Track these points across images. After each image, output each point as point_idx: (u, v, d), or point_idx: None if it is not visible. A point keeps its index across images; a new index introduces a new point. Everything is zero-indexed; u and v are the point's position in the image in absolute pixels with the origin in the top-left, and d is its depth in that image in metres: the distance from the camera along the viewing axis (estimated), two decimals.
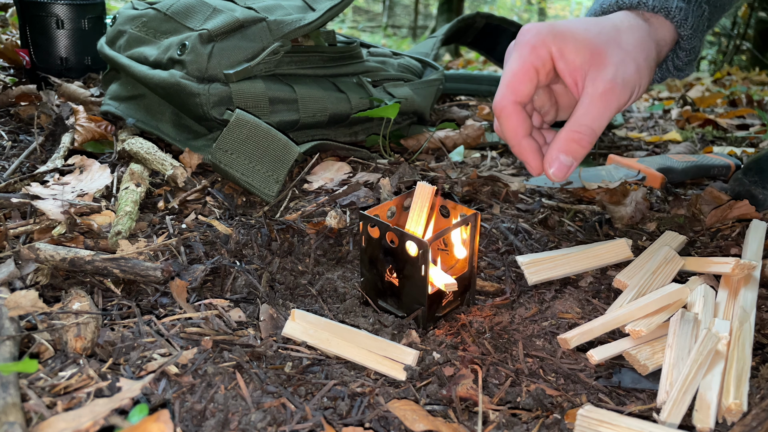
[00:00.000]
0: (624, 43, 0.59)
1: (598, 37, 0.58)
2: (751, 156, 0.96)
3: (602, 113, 0.57)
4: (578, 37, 0.58)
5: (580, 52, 0.57)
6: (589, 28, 0.59)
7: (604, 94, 0.57)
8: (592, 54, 0.57)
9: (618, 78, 0.57)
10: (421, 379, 0.51)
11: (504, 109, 0.59)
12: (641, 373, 0.53)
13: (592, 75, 0.57)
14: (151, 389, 0.46)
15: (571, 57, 0.57)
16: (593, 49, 0.57)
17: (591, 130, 0.57)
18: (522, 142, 0.60)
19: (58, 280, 0.61)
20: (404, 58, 1.19)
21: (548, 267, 0.66)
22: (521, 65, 0.58)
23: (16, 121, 1.07)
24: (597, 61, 0.57)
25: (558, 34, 0.58)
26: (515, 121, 0.59)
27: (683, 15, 0.64)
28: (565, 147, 0.58)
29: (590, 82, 0.57)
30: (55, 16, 1.21)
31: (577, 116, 0.58)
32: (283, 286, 0.66)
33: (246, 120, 0.82)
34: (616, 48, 0.58)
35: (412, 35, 9.20)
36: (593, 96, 0.57)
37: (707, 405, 0.47)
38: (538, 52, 0.58)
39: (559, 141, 0.58)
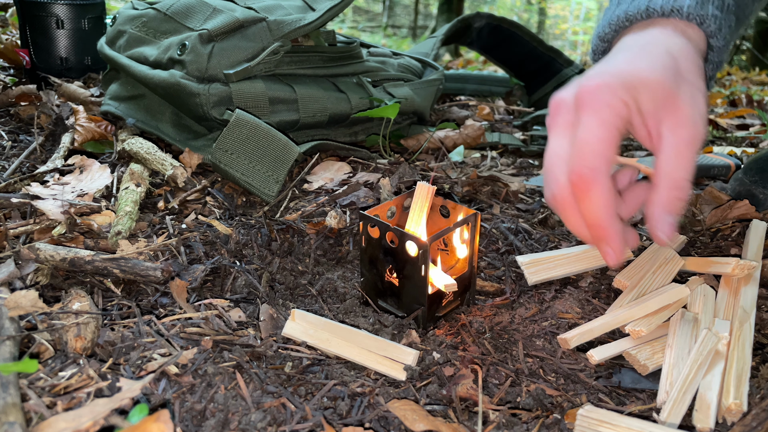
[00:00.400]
0: (686, 72, 0.54)
1: (664, 75, 0.52)
2: (751, 156, 0.96)
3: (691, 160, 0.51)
4: (648, 82, 0.51)
5: (654, 99, 0.51)
6: (653, 66, 0.52)
7: (690, 141, 0.51)
8: (666, 98, 0.51)
9: (697, 118, 0.52)
10: (421, 379, 0.51)
11: (597, 183, 0.49)
12: (641, 373, 0.53)
13: (669, 122, 0.51)
14: (151, 389, 0.46)
15: (645, 107, 0.51)
16: (665, 92, 0.51)
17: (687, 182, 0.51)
18: (614, 223, 0.51)
19: (58, 280, 0.61)
20: (404, 58, 1.19)
21: (548, 267, 0.66)
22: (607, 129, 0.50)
23: (16, 121, 1.07)
24: (672, 105, 0.51)
25: (630, 85, 0.51)
26: (609, 197, 0.50)
27: (718, 24, 0.59)
28: (669, 207, 0.51)
29: (670, 130, 0.51)
30: (55, 16, 1.21)
31: (669, 171, 0.51)
32: (283, 286, 0.66)
33: (246, 120, 0.82)
34: (683, 83, 0.52)
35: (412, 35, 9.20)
36: (679, 146, 0.51)
37: (707, 405, 0.47)
38: (619, 111, 0.51)
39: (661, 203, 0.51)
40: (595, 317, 0.59)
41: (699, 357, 0.50)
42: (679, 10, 0.58)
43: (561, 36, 11.75)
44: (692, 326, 0.54)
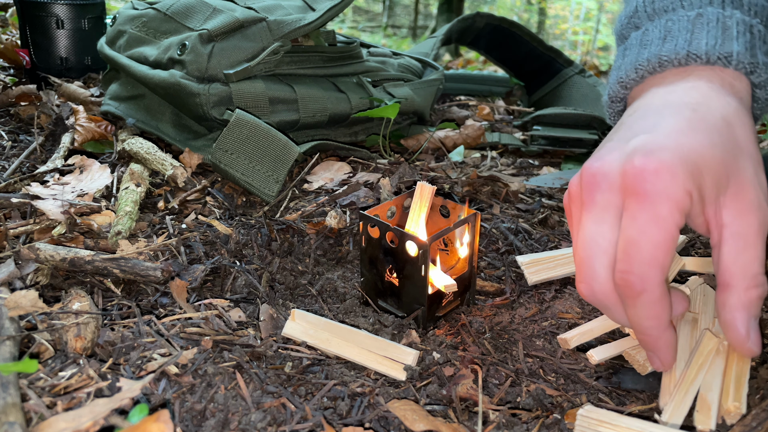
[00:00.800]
0: (743, 142, 0.45)
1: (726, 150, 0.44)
2: None
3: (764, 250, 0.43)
4: (709, 162, 0.42)
5: (716, 184, 0.43)
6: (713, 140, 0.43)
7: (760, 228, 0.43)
8: (728, 179, 0.43)
9: (762, 197, 0.44)
10: (421, 379, 0.51)
11: (648, 295, 0.42)
12: (641, 373, 0.53)
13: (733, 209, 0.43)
14: (151, 389, 0.46)
15: (707, 192, 0.43)
16: (728, 173, 0.43)
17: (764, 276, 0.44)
18: (664, 334, 0.45)
19: (58, 280, 0.61)
20: (404, 58, 1.19)
21: (548, 267, 0.66)
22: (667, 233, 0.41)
23: (16, 121, 1.07)
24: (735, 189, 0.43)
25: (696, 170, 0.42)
26: (663, 307, 0.43)
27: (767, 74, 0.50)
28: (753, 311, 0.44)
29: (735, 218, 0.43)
30: (55, 16, 1.21)
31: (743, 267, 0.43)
32: (283, 286, 0.66)
33: (246, 120, 0.82)
34: (742, 155, 0.44)
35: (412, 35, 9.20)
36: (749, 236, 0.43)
37: (708, 406, 0.47)
38: (682, 205, 0.41)
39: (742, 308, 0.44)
40: (595, 317, 0.59)
41: (700, 357, 0.50)
42: (727, 57, 0.49)
43: (561, 36, 11.76)
44: (691, 327, 0.54)
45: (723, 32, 0.49)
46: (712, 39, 0.49)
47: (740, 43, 0.49)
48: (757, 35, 0.50)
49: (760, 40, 0.50)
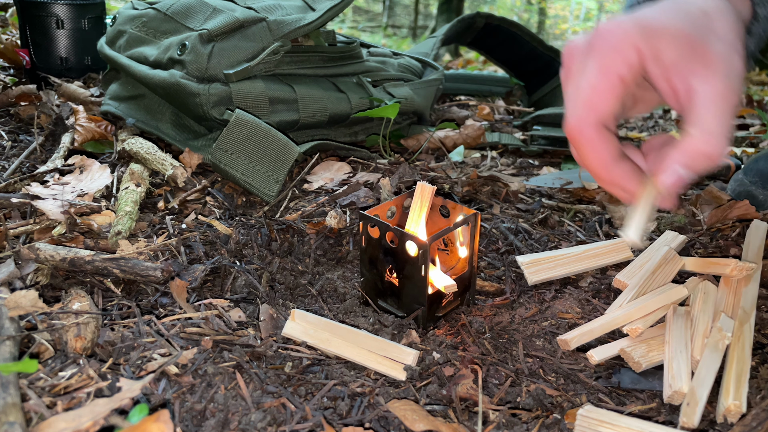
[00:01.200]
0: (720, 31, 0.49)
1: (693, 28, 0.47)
2: (751, 156, 0.96)
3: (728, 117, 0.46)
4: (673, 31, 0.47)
5: (678, 49, 0.46)
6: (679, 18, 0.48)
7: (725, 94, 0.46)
8: (694, 49, 0.46)
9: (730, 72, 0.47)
10: (421, 379, 0.51)
11: (581, 134, 0.47)
12: (635, 369, 0.53)
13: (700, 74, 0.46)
14: (151, 389, 0.46)
15: (667, 56, 0.46)
16: (694, 43, 0.46)
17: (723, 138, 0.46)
18: (613, 170, 0.48)
19: (58, 280, 0.61)
20: (404, 58, 1.19)
21: (548, 267, 0.66)
22: (603, 76, 0.47)
23: (16, 121, 1.07)
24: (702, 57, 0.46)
25: (648, 30, 0.46)
26: (600, 147, 0.48)
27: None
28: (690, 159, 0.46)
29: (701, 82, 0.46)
30: (55, 16, 1.21)
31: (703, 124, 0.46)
32: (283, 286, 0.66)
33: (246, 120, 0.82)
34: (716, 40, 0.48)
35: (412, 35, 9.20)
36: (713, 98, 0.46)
37: (696, 401, 0.47)
38: (626, 57, 0.46)
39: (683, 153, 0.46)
40: (595, 317, 0.59)
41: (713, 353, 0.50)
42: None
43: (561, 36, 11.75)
44: (685, 320, 0.55)
45: None
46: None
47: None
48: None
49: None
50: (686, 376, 0.49)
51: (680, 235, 0.74)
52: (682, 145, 0.47)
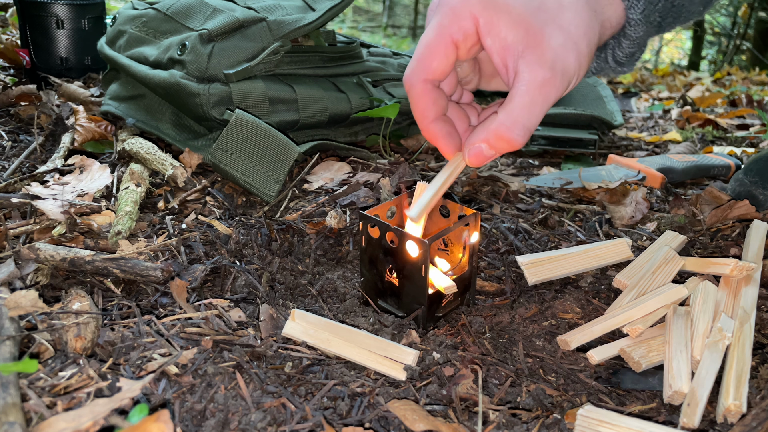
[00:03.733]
0: (566, 23, 0.51)
1: (536, 13, 0.50)
2: (751, 156, 0.96)
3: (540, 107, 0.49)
4: (513, 10, 0.49)
5: (514, 29, 0.49)
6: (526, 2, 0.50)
7: (543, 85, 0.48)
8: (528, 32, 0.49)
9: (558, 65, 0.49)
10: (421, 379, 0.51)
11: (412, 88, 0.51)
12: (635, 369, 0.53)
13: (528, 59, 0.49)
14: (151, 389, 0.46)
15: (502, 33, 0.49)
16: (530, 27, 0.49)
17: (525, 128, 0.49)
18: (431, 126, 0.52)
19: (58, 280, 0.61)
20: (404, 58, 1.19)
21: (548, 267, 0.66)
22: (438, 36, 0.49)
23: (16, 121, 1.07)
24: (534, 43, 0.49)
25: (488, 3, 0.49)
26: (424, 101, 0.51)
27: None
28: (492, 141, 0.50)
29: (526, 67, 0.49)
30: (55, 16, 1.21)
31: (512, 108, 0.49)
32: (283, 286, 0.66)
33: (246, 120, 0.82)
34: (557, 29, 0.50)
35: (412, 35, 9.20)
36: (530, 86, 0.48)
37: (697, 402, 0.47)
38: (461, 23, 0.49)
39: (487, 131, 0.50)
40: (595, 317, 0.59)
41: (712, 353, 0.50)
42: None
43: None
44: (685, 320, 0.55)
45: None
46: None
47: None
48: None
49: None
50: (686, 376, 0.49)
51: (680, 235, 0.74)
52: (488, 125, 0.50)
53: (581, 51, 0.51)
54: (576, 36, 0.51)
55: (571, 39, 0.50)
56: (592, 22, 0.53)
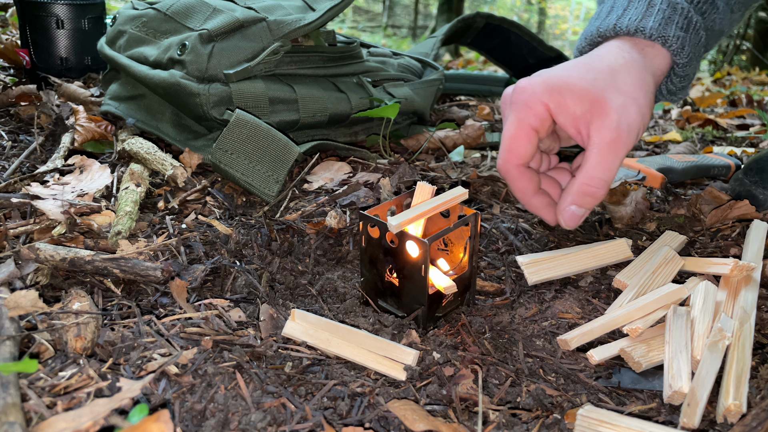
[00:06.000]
0: (622, 84, 0.58)
1: (595, 84, 0.57)
2: (751, 156, 0.96)
3: (612, 163, 0.57)
4: (575, 88, 0.57)
5: (579, 103, 0.56)
6: (584, 76, 0.58)
7: (612, 143, 0.56)
8: (593, 103, 0.56)
9: (623, 124, 0.56)
10: (421, 379, 0.51)
11: (508, 173, 0.60)
12: (635, 369, 0.53)
13: (596, 125, 0.56)
14: (151, 389, 0.46)
15: (570, 110, 0.57)
16: (592, 98, 0.56)
17: (603, 181, 0.57)
18: (532, 201, 0.62)
19: (58, 280, 0.61)
20: (404, 58, 1.19)
21: (548, 267, 0.66)
22: (519, 128, 0.58)
23: (16, 121, 1.07)
24: (598, 110, 0.56)
25: (553, 89, 0.57)
26: (521, 183, 0.61)
27: (680, 44, 0.63)
28: (578, 200, 0.59)
29: (595, 132, 0.56)
30: (55, 16, 1.21)
31: (588, 168, 0.57)
32: (283, 286, 0.66)
33: (246, 120, 0.82)
34: (615, 93, 0.57)
35: (412, 35, 9.20)
36: (601, 146, 0.56)
37: (697, 402, 0.47)
38: (536, 111, 0.57)
39: (572, 194, 0.59)
40: (595, 317, 0.59)
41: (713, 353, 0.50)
42: (642, 30, 0.62)
43: (561, 36, 11.75)
44: (686, 320, 0.55)
45: (647, 9, 0.64)
46: (636, 15, 0.63)
47: (656, 19, 0.63)
48: (679, 12, 0.64)
49: (680, 16, 0.64)
50: (686, 376, 0.49)
51: (680, 235, 0.74)
52: (571, 188, 0.59)
53: (640, 103, 0.58)
54: (632, 93, 0.58)
55: (629, 96, 0.57)
56: (644, 76, 0.60)
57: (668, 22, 0.63)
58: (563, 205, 0.60)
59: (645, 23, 0.62)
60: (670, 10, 0.64)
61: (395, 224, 0.54)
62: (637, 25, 0.62)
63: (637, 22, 0.63)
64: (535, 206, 0.62)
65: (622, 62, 0.60)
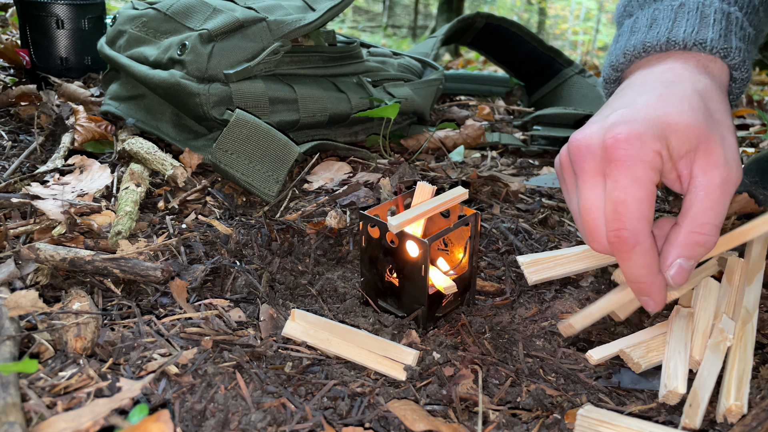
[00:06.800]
0: (716, 112, 0.51)
1: (695, 117, 0.49)
2: (751, 156, 0.96)
3: (724, 205, 0.49)
4: (678, 126, 0.48)
5: (686, 143, 0.48)
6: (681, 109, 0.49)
7: (723, 183, 0.48)
8: (698, 139, 0.48)
9: (730, 160, 0.49)
10: (421, 379, 0.51)
11: (641, 245, 0.48)
12: (634, 370, 0.53)
13: (701, 163, 0.49)
14: (151, 389, 0.46)
15: (676, 153, 0.49)
16: (697, 134, 0.48)
17: (715, 227, 0.49)
18: (658, 279, 0.50)
19: (58, 280, 0.61)
20: (404, 58, 1.19)
21: (548, 267, 0.66)
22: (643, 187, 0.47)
23: (16, 121, 1.07)
24: (704, 147, 0.49)
25: (661, 133, 0.48)
26: (654, 255, 0.49)
27: (742, 57, 0.56)
28: (687, 251, 0.49)
29: (701, 172, 0.49)
30: (55, 16, 1.21)
31: (696, 213, 0.49)
32: (283, 286, 0.66)
33: (246, 120, 0.82)
34: (714, 124, 0.50)
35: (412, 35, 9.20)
36: (710, 188, 0.48)
37: (698, 402, 0.47)
38: (653, 164, 0.48)
39: (679, 245, 0.49)
40: None
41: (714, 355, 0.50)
42: (702, 43, 0.55)
43: (561, 36, 11.76)
44: (687, 321, 0.55)
45: (701, 20, 0.56)
46: (690, 27, 0.56)
47: (715, 30, 0.55)
48: (734, 22, 0.56)
49: (737, 26, 0.56)
50: (682, 377, 0.49)
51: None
52: (676, 240, 0.49)
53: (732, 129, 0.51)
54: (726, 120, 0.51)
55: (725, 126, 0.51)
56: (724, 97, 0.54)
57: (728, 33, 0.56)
58: (669, 258, 0.50)
59: (704, 35, 0.55)
60: (726, 20, 0.56)
61: (395, 224, 0.53)
62: (695, 38, 0.55)
63: (695, 34, 0.55)
64: (660, 284, 0.50)
65: (702, 86, 0.52)
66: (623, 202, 0.48)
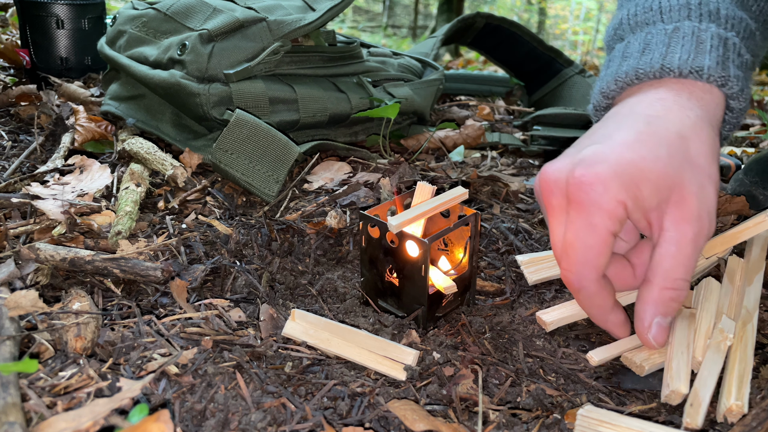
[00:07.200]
0: (695, 156, 0.48)
1: (670, 163, 0.46)
2: (751, 156, 0.96)
3: (694, 260, 0.47)
4: (651, 174, 0.46)
5: (658, 193, 0.46)
6: (657, 155, 0.46)
7: (694, 238, 0.46)
8: (670, 189, 0.46)
9: (704, 213, 0.47)
10: (421, 379, 0.51)
11: (585, 290, 0.49)
12: (638, 373, 0.53)
13: (674, 216, 0.47)
14: (151, 389, 0.46)
15: (648, 201, 0.46)
16: (669, 184, 0.46)
17: (687, 282, 0.48)
18: (609, 318, 0.51)
19: (58, 280, 0.61)
20: (404, 58, 1.19)
21: (548, 266, 0.66)
22: (596, 235, 0.46)
23: (16, 121, 1.07)
24: (677, 199, 0.46)
25: (629, 181, 0.45)
26: (602, 298, 0.50)
27: (740, 86, 0.52)
28: (663, 309, 0.48)
29: (672, 225, 0.47)
30: (55, 16, 1.21)
31: (668, 270, 0.47)
32: (283, 286, 0.66)
33: (246, 120, 0.82)
34: (691, 171, 0.47)
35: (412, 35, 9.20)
36: (682, 244, 0.46)
37: (699, 402, 0.47)
38: (613, 213, 0.46)
39: (653, 303, 0.48)
40: None
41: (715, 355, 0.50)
42: (698, 71, 0.51)
43: (561, 36, 11.76)
44: (689, 322, 0.55)
45: (696, 46, 0.52)
46: (685, 53, 0.52)
47: (712, 57, 0.51)
48: (731, 48, 0.53)
49: (735, 53, 0.53)
50: (685, 377, 0.49)
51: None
52: (649, 297, 0.48)
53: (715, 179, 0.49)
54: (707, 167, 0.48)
55: (704, 173, 0.48)
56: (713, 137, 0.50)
57: (725, 60, 0.52)
58: (646, 320, 0.49)
59: (701, 62, 0.51)
60: (723, 46, 0.52)
61: (395, 224, 0.53)
62: (692, 65, 0.51)
63: (691, 61, 0.51)
64: (613, 323, 0.51)
65: (690, 124, 0.49)
66: (572, 246, 0.47)
